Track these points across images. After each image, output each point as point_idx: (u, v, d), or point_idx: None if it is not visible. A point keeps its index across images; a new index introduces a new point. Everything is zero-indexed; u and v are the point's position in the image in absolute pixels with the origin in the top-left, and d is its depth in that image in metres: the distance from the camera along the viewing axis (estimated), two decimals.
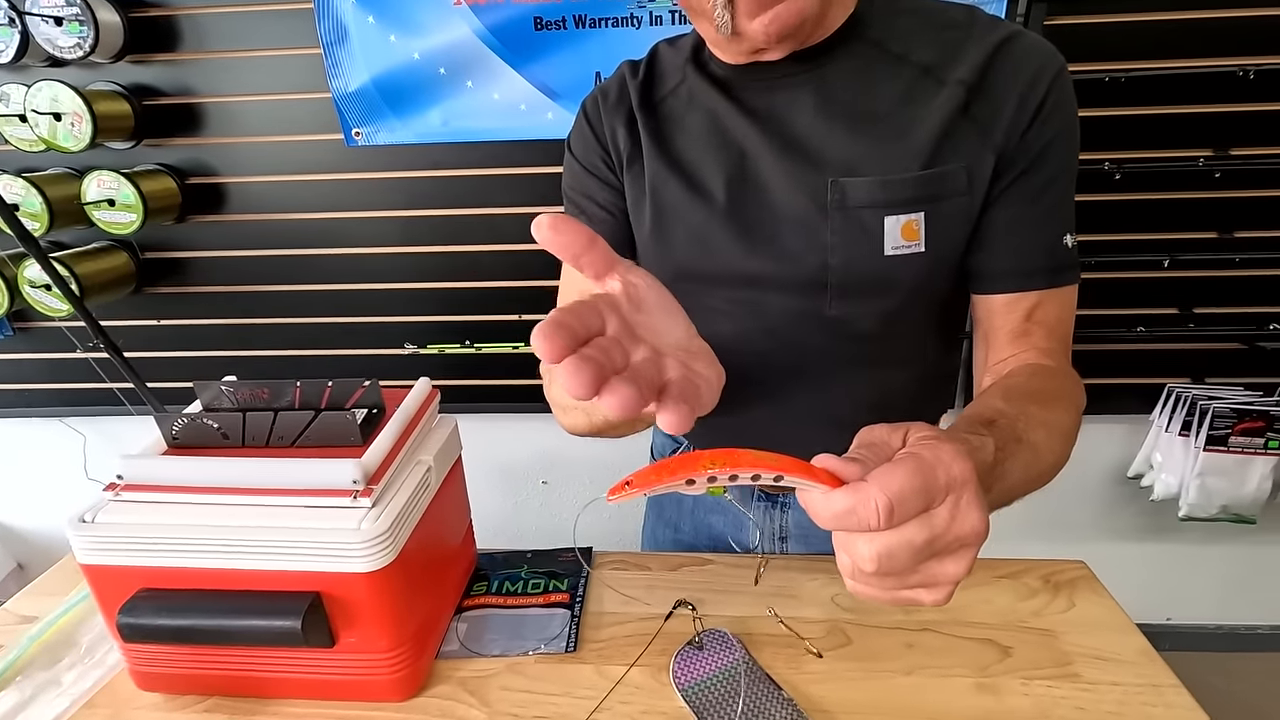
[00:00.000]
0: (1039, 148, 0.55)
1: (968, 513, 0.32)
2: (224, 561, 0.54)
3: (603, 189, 0.69)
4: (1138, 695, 0.58)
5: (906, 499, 0.31)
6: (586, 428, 0.61)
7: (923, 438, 0.34)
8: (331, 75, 1.26)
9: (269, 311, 1.46)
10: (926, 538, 0.31)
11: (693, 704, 0.58)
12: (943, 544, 0.32)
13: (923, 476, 0.31)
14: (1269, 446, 1.31)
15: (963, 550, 0.33)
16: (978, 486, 0.33)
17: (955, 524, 0.32)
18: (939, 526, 0.32)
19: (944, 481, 0.32)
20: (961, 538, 0.32)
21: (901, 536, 0.31)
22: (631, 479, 0.35)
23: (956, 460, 0.32)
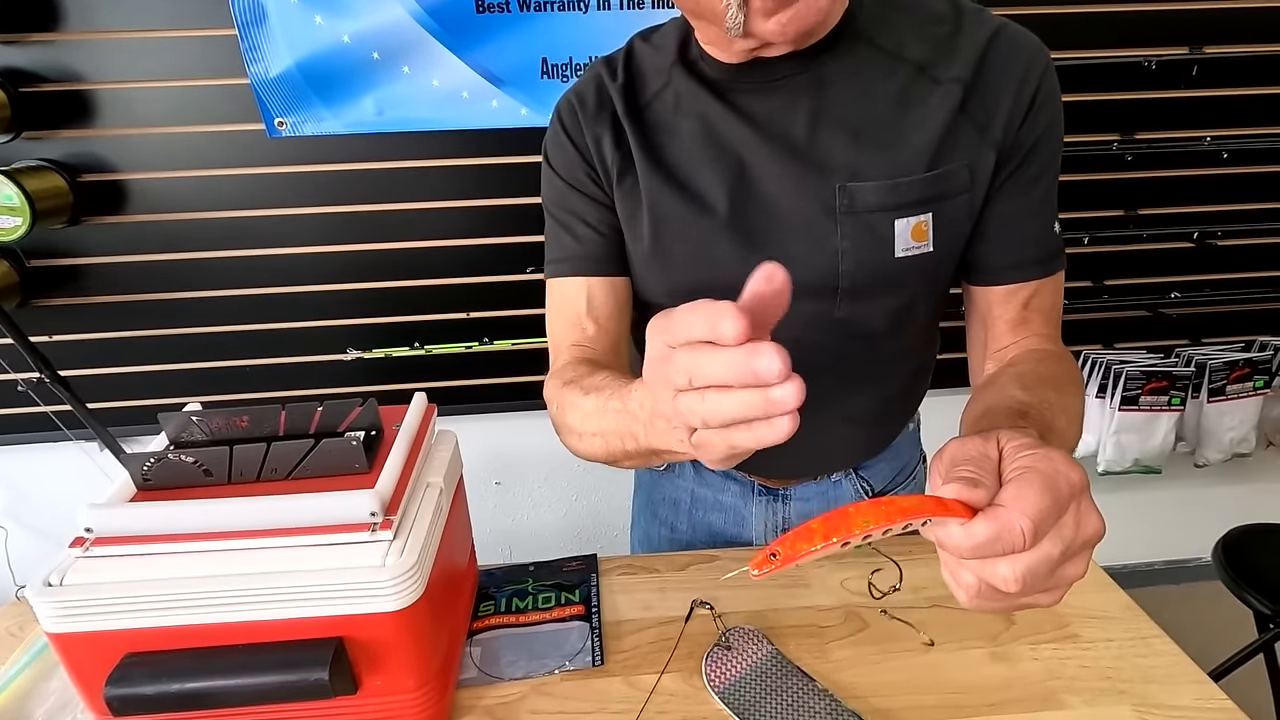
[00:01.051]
0: (1032, 140, 0.57)
1: (1089, 517, 0.33)
2: (227, 615, 0.48)
3: (590, 206, 0.65)
4: (1131, 649, 0.63)
5: (1045, 516, 0.31)
6: (604, 456, 0.58)
7: (1023, 445, 0.34)
8: (249, 59, 1.15)
9: (187, 321, 1.33)
10: (1061, 550, 0.32)
11: (731, 705, 0.57)
12: (1072, 551, 0.32)
13: (1053, 492, 0.32)
14: (1172, 403, 1.45)
15: (1084, 552, 0.33)
16: (1088, 488, 0.34)
17: (1080, 530, 0.33)
18: (1069, 535, 0.32)
19: (1068, 491, 0.32)
20: (1086, 541, 0.33)
21: (1040, 553, 0.31)
22: (777, 550, 0.33)
23: (1073, 468, 0.33)
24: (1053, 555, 0.31)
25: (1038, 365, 0.57)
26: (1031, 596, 0.34)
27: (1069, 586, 0.34)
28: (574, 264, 0.65)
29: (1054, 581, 0.33)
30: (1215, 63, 1.28)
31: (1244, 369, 1.47)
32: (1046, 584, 0.33)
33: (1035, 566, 0.31)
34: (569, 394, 0.56)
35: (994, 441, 0.36)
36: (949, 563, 0.35)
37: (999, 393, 0.52)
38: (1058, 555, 0.32)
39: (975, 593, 0.34)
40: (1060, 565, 0.32)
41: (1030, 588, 0.32)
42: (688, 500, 0.83)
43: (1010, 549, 0.31)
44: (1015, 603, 0.34)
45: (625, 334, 0.67)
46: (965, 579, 0.34)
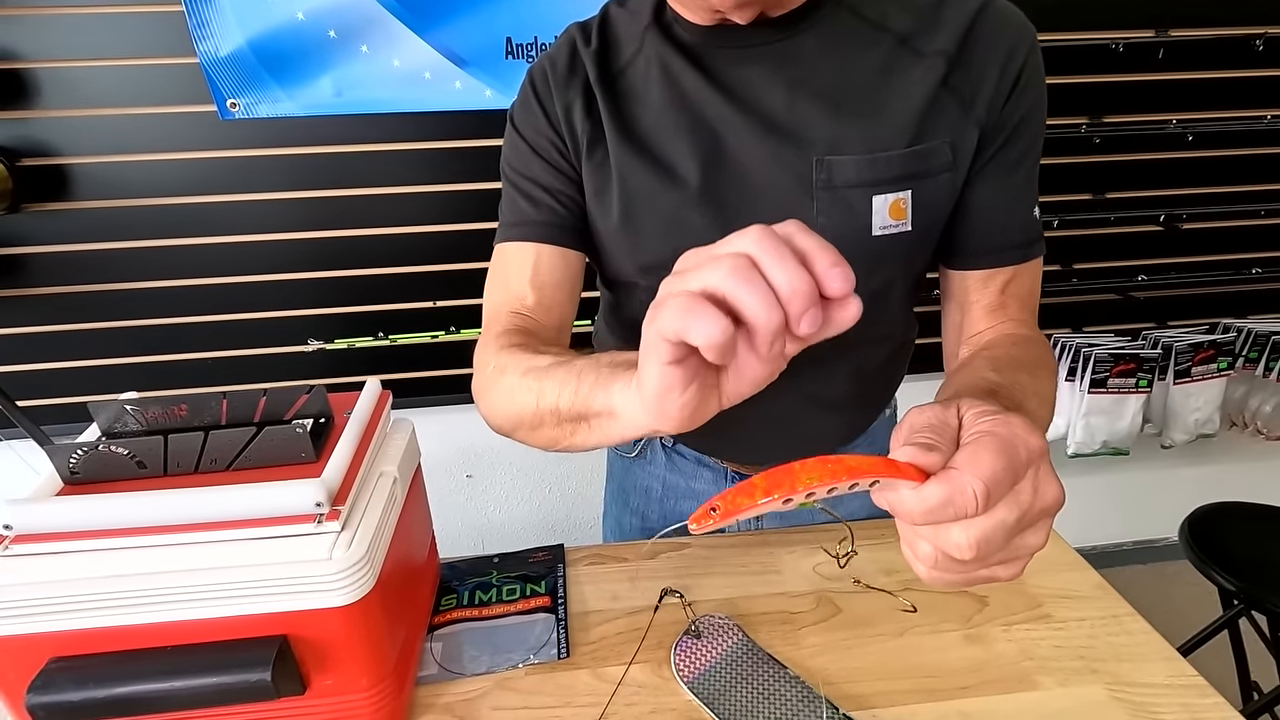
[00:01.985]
0: (1016, 120, 0.55)
1: (1047, 483, 0.32)
2: (160, 614, 0.45)
3: (552, 175, 0.62)
4: (1103, 627, 0.62)
5: (999, 480, 0.30)
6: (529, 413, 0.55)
7: (983, 413, 0.33)
8: (198, 37, 1.10)
9: (135, 313, 1.27)
10: (1017, 515, 0.31)
11: (701, 695, 0.56)
12: (1029, 518, 0.31)
13: (1008, 455, 0.30)
14: (1139, 385, 1.47)
15: (1043, 520, 0.32)
16: (1049, 456, 0.32)
17: (1038, 497, 0.31)
18: (1025, 501, 0.31)
19: (1025, 457, 0.31)
20: (1045, 509, 0.32)
21: (995, 519, 0.30)
22: (717, 504, 0.32)
23: (1031, 434, 0.32)
24: (1008, 521, 0.30)
25: (1011, 349, 0.56)
26: (990, 568, 0.33)
27: (1029, 558, 0.33)
28: (525, 229, 0.62)
29: (1012, 551, 0.32)
30: (1181, 45, 1.29)
31: (1208, 351, 1.49)
32: (1004, 553, 0.32)
33: (990, 532, 0.30)
34: (515, 354, 0.53)
35: (954, 409, 0.35)
36: (906, 534, 0.33)
37: (971, 375, 0.51)
38: (1013, 521, 0.30)
39: (932, 563, 0.33)
40: (1017, 533, 0.31)
41: (986, 554, 0.31)
42: (659, 488, 0.81)
43: (963, 513, 0.30)
44: (974, 574, 0.33)
45: (569, 314, 0.64)
46: (922, 549, 0.33)
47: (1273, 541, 1.26)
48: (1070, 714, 0.54)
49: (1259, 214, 1.43)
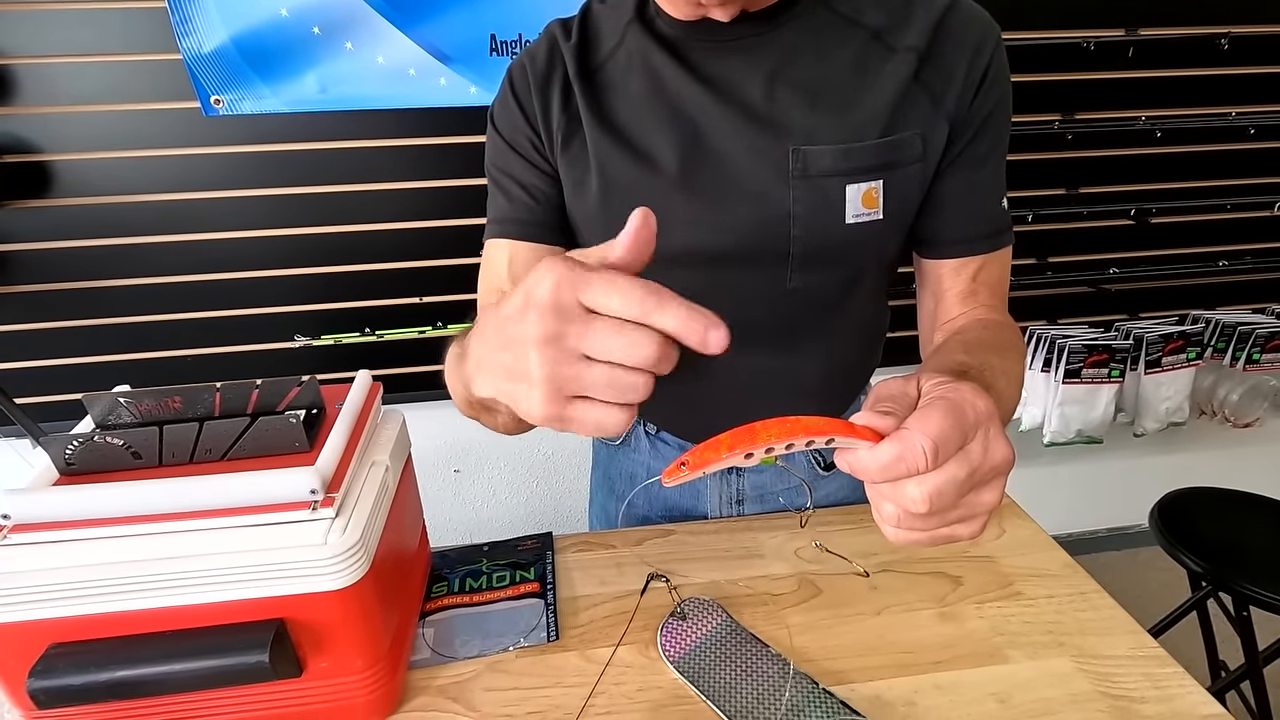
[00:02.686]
0: (984, 115, 0.58)
1: (997, 443, 0.34)
2: (159, 600, 0.46)
3: (527, 170, 0.64)
4: (1070, 604, 0.65)
5: (948, 437, 0.32)
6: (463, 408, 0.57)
7: (939, 383, 0.36)
8: (181, 34, 1.10)
9: (120, 310, 1.27)
10: (968, 471, 0.33)
11: (686, 674, 0.58)
12: (980, 475, 0.34)
13: (955, 415, 0.33)
14: (1112, 375, 1.51)
15: (995, 479, 0.35)
16: (999, 419, 0.35)
17: (989, 455, 0.34)
18: (976, 459, 0.33)
19: (973, 418, 0.33)
20: (995, 467, 0.34)
21: (946, 474, 0.33)
22: (686, 459, 0.34)
23: (979, 397, 0.34)
24: (959, 476, 0.33)
25: (982, 332, 0.59)
26: (950, 526, 0.35)
27: (987, 516, 0.36)
28: (503, 226, 0.65)
29: (967, 507, 0.34)
30: (1150, 44, 1.33)
31: (1178, 341, 1.53)
32: (959, 510, 0.34)
33: (942, 486, 0.33)
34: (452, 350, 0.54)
35: (914, 381, 0.37)
36: (873, 497, 0.36)
37: (944, 357, 0.53)
38: (964, 476, 0.33)
39: (896, 521, 0.35)
40: (970, 489, 0.34)
41: (940, 508, 0.33)
42: (644, 474, 0.83)
43: (914, 468, 0.32)
44: (936, 532, 0.35)
45: None
46: (886, 509, 0.35)
47: (1239, 525, 1.31)
48: (1037, 684, 0.57)
49: (1225, 208, 1.48)
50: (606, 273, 0.32)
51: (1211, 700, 0.55)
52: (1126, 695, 0.56)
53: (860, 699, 0.56)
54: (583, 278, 0.32)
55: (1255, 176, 1.48)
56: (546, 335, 0.32)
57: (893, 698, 0.56)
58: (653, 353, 0.32)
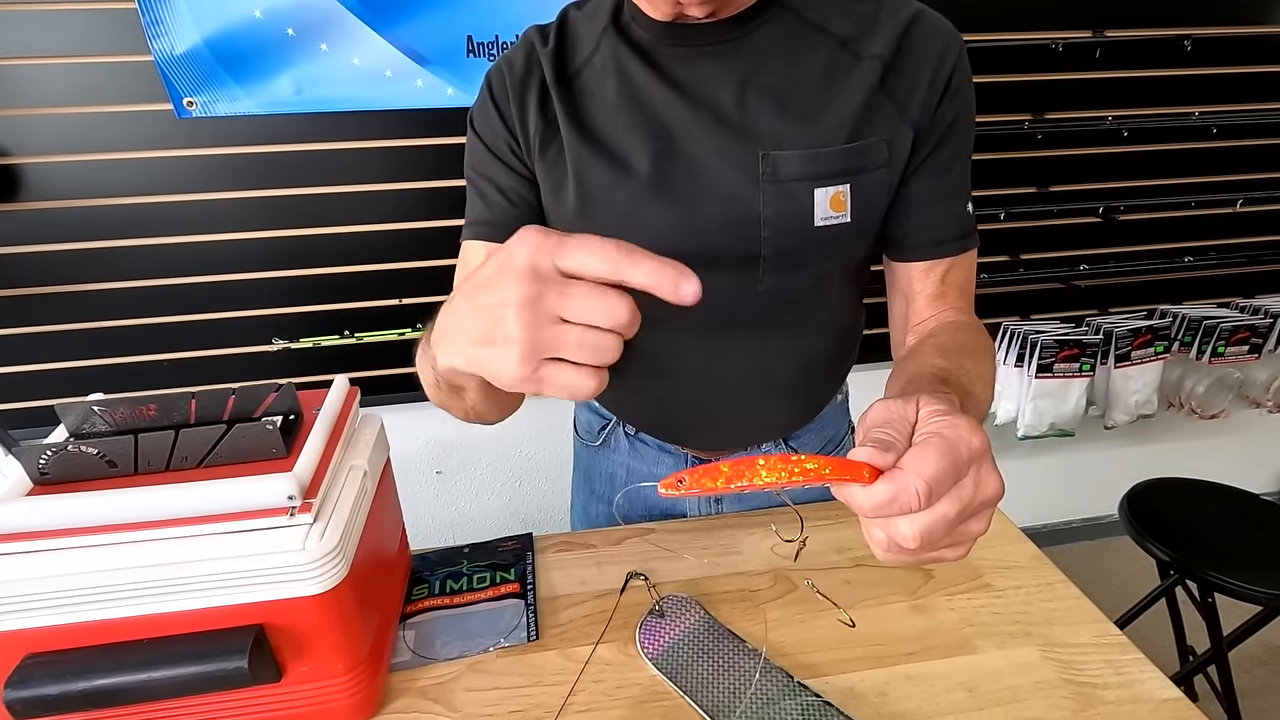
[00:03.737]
0: (948, 122, 0.59)
1: (988, 479, 0.35)
2: (137, 608, 0.47)
3: (505, 173, 0.65)
4: (1037, 594, 0.67)
5: (941, 479, 0.33)
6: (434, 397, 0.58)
7: (936, 411, 0.36)
8: (152, 35, 1.09)
9: (94, 315, 1.26)
10: (959, 509, 0.34)
11: (665, 670, 0.59)
12: (970, 510, 0.34)
13: (951, 456, 0.33)
14: (1083, 369, 1.54)
15: (983, 510, 0.36)
16: (990, 452, 0.36)
17: (979, 491, 0.35)
18: (967, 497, 0.34)
19: (967, 456, 0.34)
20: (985, 501, 0.35)
21: (938, 513, 0.33)
22: (685, 478, 0.35)
23: (975, 434, 0.35)
24: (949, 515, 0.33)
25: (955, 336, 0.60)
26: (938, 551, 0.36)
27: (974, 541, 0.36)
28: (479, 228, 0.66)
29: (956, 537, 0.35)
30: (1116, 45, 1.35)
31: (1147, 336, 1.57)
32: (948, 540, 0.35)
33: (932, 526, 0.33)
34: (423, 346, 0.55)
35: (914, 404, 0.37)
36: (864, 521, 0.37)
37: (922, 361, 0.54)
38: (954, 515, 0.34)
39: (885, 548, 0.36)
40: (960, 523, 0.34)
41: (929, 544, 0.34)
42: (623, 475, 0.84)
43: (907, 508, 0.33)
44: (924, 556, 0.36)
45: None
46: (876, 535, 0.36)
47: (1205, 514, 1.35)
48: (1004, 673, 0.58)
49: (1190, 205, 1.52)
50: (581, 236, 0.34)
51: (1170, 685, 0.57)
52: (1090, 682, 0.58)
53: (834, 691, 0.57)
54: (558, 242, 0.34)
55: (1218, 174, 1.51)
56: (524, 298, 0.33)
57: (865, 689, 0.58)
58: (625, 315, 0.34)
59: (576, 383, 0.35)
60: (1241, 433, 1.94)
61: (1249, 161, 1.52)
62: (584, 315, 0.34)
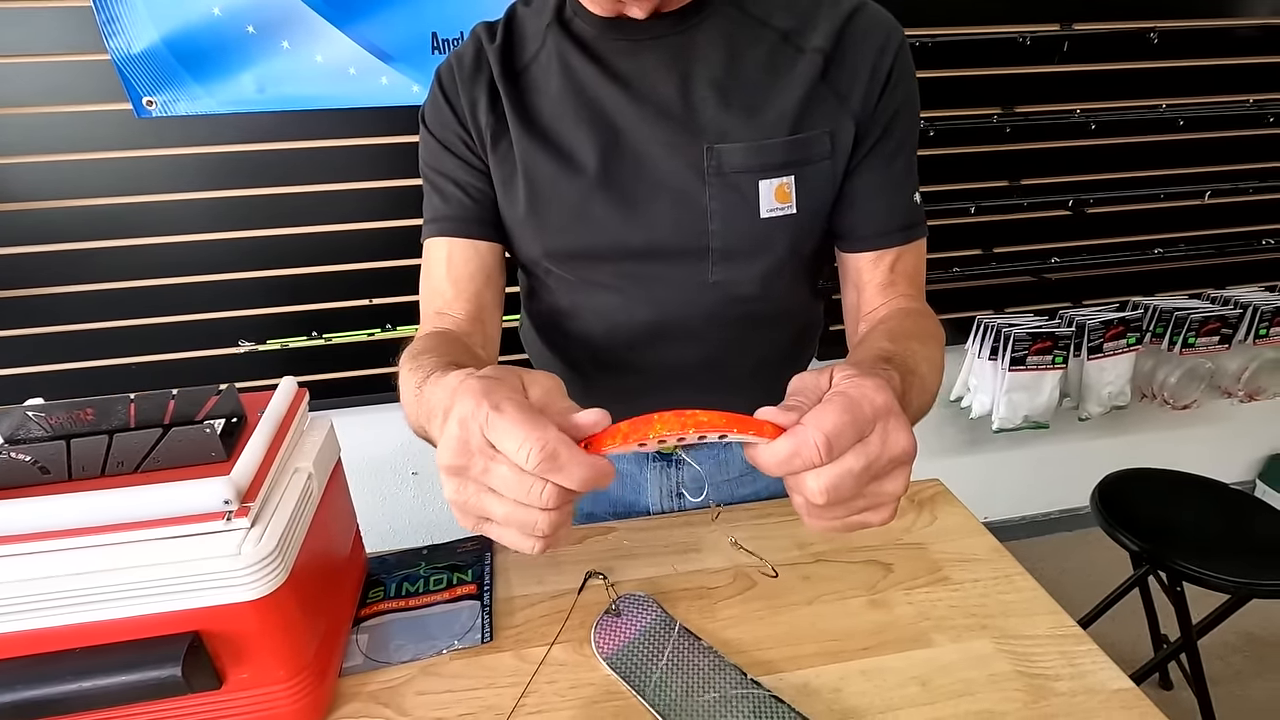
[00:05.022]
0: (890, 114, 0.59)
1: (896, 435, 0.35)
2: (70, 617, 0.46)
3: (460, 168, 0.65)
4: (995, 587, 0.67)
5: (841, 432, 0.33)
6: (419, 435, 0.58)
7: (846, 376, 0.37)
8: (108, 33, 1.07)
9: (52, 318, 1.24)
10: (864, 464, 0.34)
11: (619, 670, 0.58)
12: (879, 466, 0.35)
13: (851, 411, 0.34)
14: (1056, 362, 1.55)
15: (897, 470, 0.36)
16: (900, 411, 0.36)
17: (887, 447, 0.35)
18: (873, 452, 0.34)
19: (870, 412, 0.35)
20: (895, 458, 0.35)
21: (842, 467, 0.34)
22: (588, 443, 0.35)
23: (879, 392, 0.35)
24: (855, 469, 0.34)
25: (904, 321, 0.60)
26: (860, 514, 0.36)
27: (894, 504, 0.37)
28: (439, 225, 0.65)
29: (872, 497, 0.36)
30: (1083, 39, 1.36)
31: (1118, 328, 1.58)
32: (865, 499, 0.36)
33: (838, 480, 0.34)
34: (404, 369, 0.55)
35: (828, 374, 0.38)
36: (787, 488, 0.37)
37: (868, 347, 0.55)
38: (860, 469, 0.34)
39: (806, 511, 0.36)
40: (870, 480, 0.35)
41: (839, 499, 0.34)
42: None
43: (809, 462, 0.33)
44: (847, 520, 0.37)
45: (490, 303, 0.67)
46: (795, 499, 0.37)
47: (1174, 504, 1.36)
48: (958, 667, 0.58)
49: (1159, 198, 1.53)
50: (510, 416, 0.33)
51: (1122, 676, 0.57)
52: (1043, 674, 0.58)
53: (788, 688, 0.57)
54: (486, 415, 0.33)
55: (1185, 166, 1.53)
56: (453, 466, 0.35)
57: (820, 685, 0.57)
58: (551, 498, 0.34)
59: (516, 544, 0.35)
60: (1213, 423, 1.96)
61: (1216, 154, 1.53)
62: (509, 492, 0.34)
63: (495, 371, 0.38)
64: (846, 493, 0.34)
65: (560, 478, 0.33)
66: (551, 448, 0.33)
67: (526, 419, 0.33)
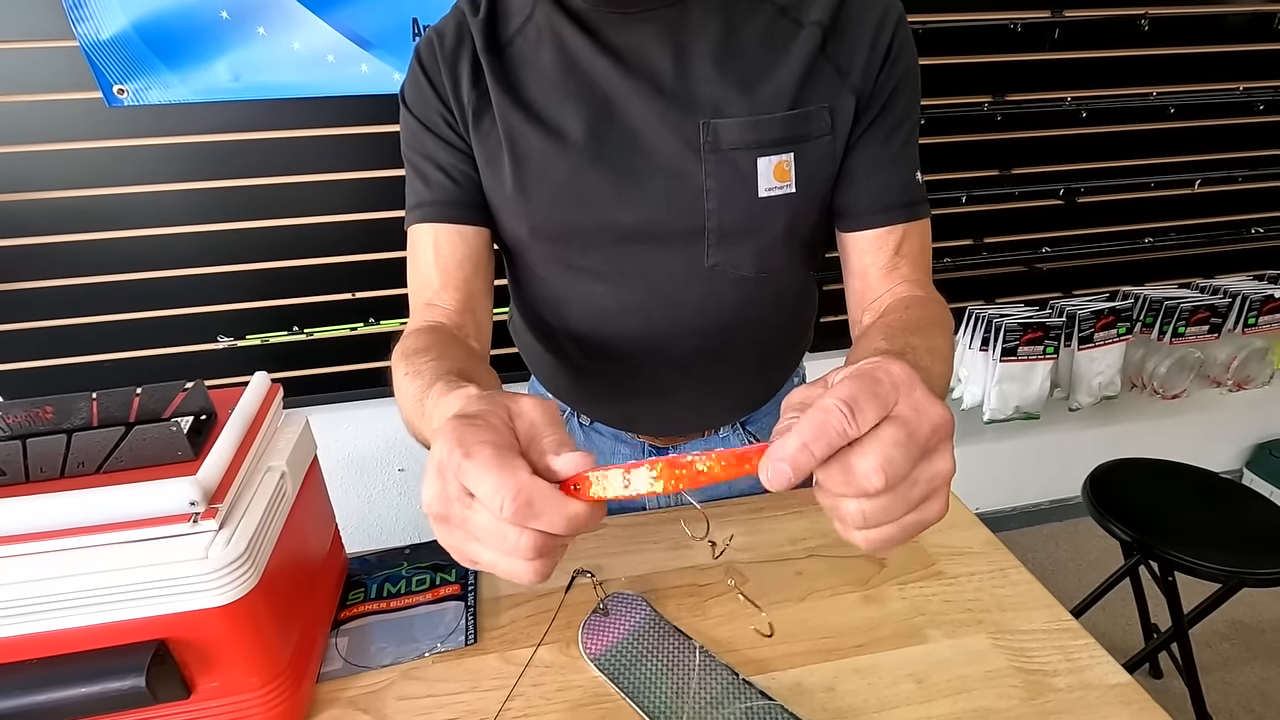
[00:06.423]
0: (890, 89, 0.58)
1: (927, 404, 0.31)
2: (28, 625, 0.43)
3: (442, 149, 0.62)
4: (990, 580, 0.66)
5: (859, 396, 0.30)
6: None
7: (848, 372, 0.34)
8: (75, 19, 1.03)
9: (23, 314, 1.20)
10: (906, 432, 0.30)
11: (607, 671, 0.57)
12: (922, 436, 0.31)
13: (864, 380, 0.31)
14: (1046, 352, 1.54)
15: (941, 444, 0.32)
16: (923, 382, 0.32)
17: (922, 415, 0.31)
18: (910, 420, 0.31)
19: (888, 382, 0.31)
20: (936, 426, 0.31)
21: (888, 438, 0.30)
22: (575, 483, 0.33)
23: (892, 363, 0.32)
24: (900, 438, 0.30)
25: (904, 313, 0.58)
26: (917, 510, 0.32)
27: (947, 487, 0.33)
28: (423, 211, 0.63)
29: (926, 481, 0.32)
30: (1074, 25, 1.35)
31: (1109, 317, 1.58)
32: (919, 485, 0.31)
33: (889, 453, 0.30)
34: (399, 370, 0.53)
35: (823, 382, 0.35)
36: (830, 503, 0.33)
37: (864, 347, 0.52)
38: (905, 438, 0.30)
39: (862, 520, 0.32)
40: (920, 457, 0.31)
41: (895, 478, 0.30)
42: None
43: (839, 429, 0.30)
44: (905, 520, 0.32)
45: (480, 290, 0.64)
46: (847, 507, 0.32)
47: (1164, 494, 1.36)
48: (954, 663, 0.57)
49: (1149, 186, 1.52)
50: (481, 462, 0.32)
51: (1120, 670, 0.56)
52: (1040, 669, 0.56)
53: (780, 687, 0.55)
54: (460, 466, 0.32)
55: (1176, 155, 1.52)
56: (436, 513, 0.34)
57: (812, 684, 0.56)
58: (529, 548, 0.32)
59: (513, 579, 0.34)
60: (1203, 411, 1.97)
61: (1206, 142, 1.52)
62: (488, 541, 0.33)
63: (481, 406, 0.36)
64: (901, 468, 0.30)
65: (540, 524, 0.32)
66: (525, 496, 0.31)
67: (499, 464, 0.32)
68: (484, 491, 0.32)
